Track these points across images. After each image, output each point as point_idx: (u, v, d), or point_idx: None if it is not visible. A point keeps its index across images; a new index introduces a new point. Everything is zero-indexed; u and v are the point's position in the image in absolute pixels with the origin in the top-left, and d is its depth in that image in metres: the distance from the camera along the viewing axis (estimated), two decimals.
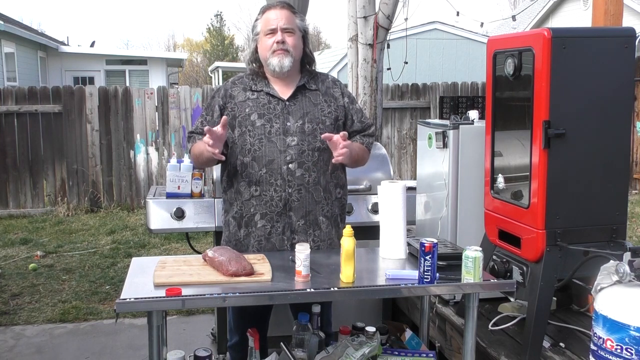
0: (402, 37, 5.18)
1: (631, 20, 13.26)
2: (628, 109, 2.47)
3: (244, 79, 2.72)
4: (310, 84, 2.69)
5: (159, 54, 21.69)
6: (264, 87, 2.65)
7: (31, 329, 4.31)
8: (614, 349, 1.93)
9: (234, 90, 2.69)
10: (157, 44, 45.37)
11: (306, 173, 2.59)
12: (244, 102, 2.64)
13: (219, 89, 2.75)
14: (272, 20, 2.58)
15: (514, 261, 2.62)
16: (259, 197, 2.60)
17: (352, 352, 2.49)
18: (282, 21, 2.57)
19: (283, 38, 2.57)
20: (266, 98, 2.64)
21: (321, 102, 2.67)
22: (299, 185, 2.58)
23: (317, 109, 2.65)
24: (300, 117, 2.61)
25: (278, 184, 2.58)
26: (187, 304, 2.12)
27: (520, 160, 2.55)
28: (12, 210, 8.08)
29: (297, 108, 2.63)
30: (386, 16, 4.32)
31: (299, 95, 2.65)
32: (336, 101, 2.71)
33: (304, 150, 2.59)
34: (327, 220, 2.67)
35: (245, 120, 2.62)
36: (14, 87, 8.31)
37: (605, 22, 3.20)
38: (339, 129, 2.66)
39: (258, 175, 2.59)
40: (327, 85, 2.73)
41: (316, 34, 38.42)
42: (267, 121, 2.60)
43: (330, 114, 2.67)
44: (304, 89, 2.67)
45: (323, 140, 2.56)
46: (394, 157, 9.09)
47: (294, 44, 2.60)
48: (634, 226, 6.88)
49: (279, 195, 2.58)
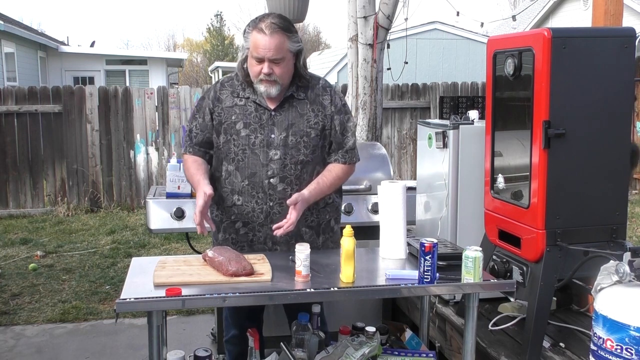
0: (402, 37, 5.18)
1: (631, 20, 13.26)
2: (628, 109, 2.47)
3: (234, 82, 2.66)
4: (299, 93, 2.62)
5: (159, 54, 21.70)
6: (252, 94, 2.60)
7: (31, 329, 4.31)
8: (614, 349, 1.93)
9: (223, 93, 2.65)
10: (157, 44, 45.33)
11: (288, 187, 2.56)
12: (231, 109, 2.61)
13: (209, 90, 2.71)
14: (260, 49, 2.45)
15: (514, 261, 2.62)
16: (241, 207, 2.60)
17: (352, 352, 2.50)
18: (270, 52, 2.44)
19: (270, 70, 2.46)
20: (253, 106, 2.59)
21: (308, 111, 2.61)
22: (280, 199, 2.56)
23: (303, 119, 2.59)
24: (285, 129, 2.57)
25: (260, 197, 2.57)
26: (187, 304, 2.12)
27: (520, 160, 2.55)
28: (12, 210, 8.08)
29: (283, 119, 2.58)
30: (386, 16, 4.32)
31: (287, 105, 2.60)
32: (324, 110, 2.63)
33: (286, 164, 2.56)
34: (311, 230, 2.66)
35: (230, 128, 2.59)
36: (14, 87, 8.31)
37: (605, 22, 3.20)
38: (326, 139, 2.64)
39: (240, 186, 2.58)
40: (316, 92, 2.64)
41: (316, 34, 38.46)
42: (252, 131, 2.57)
43: (317, 124, 2.60)
44: (291, 99, 2.61)
45: (307, 153, 2.56)
46: (394, 157, 9.09)
47: (281, 73, 2.49)
48: (634, 226, 6.88)
49: (260, 207, 2.58)
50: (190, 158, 2.67)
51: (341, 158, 2.67)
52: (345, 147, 2.67)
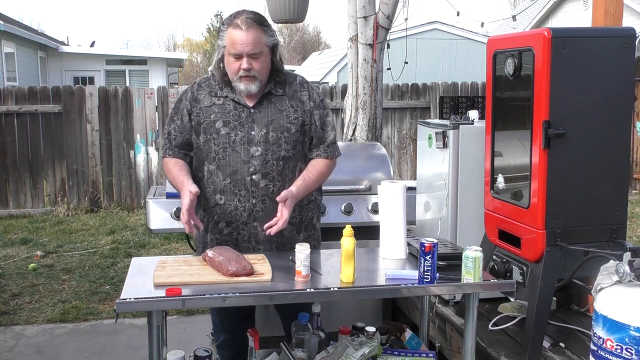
0: (402, 37, 5.18)
1: (631, 20, 13.26)
2: (628, 109, 2.47)
3: (210, 82, 2.65)
4: (277, 89, 2.61)
5: (159, 54, 21.70)
6: (230, 92, 2.59)
7: (31, 329, 4.31)
8: (614, 349, 1.93)
9: (200, 93, 2.63)
10: (157, 44, 45.31)
11: (270, 183, 2.55)
12: (210, 108, 2.59)
13: (186, 91, 2.69)
14: (238, 45, 2.45)
15: (514, 261, 2.62)
16: (224, 206, 2.58)
17: (352, 352, 2.49)
18: (247, 47, 2.44)
19: (249, 65, 2.46)
20: (232, 104, 2.58)
21: (287, 107, 2.61)
22: (263, 196, 2.55)
23: (282, 115, 2.59)
24: (265, 125, 2.56)
25: (242, 195, 2.55)
26: (187, 304, 2.12)
27: (520, 160, 2.55)
28: (12, 210, 8.08)
29: (262, 116, 2.57)
30: (386, 16, 4.32)
31: (265, 102, 2.59)
32: (303, 105, 2.63)
33: (268, 160, 2.55)
34: (291, 226, 2.62)
35: (210, 127, 2.57)
36: (14, 87, 8.31)
37: (605, 22, 3.20)
38: (306, 135, 2.64)
39: (223, 185, 2.57)
40: (294, 88, 2.64)
41: (316, 34, 38.44)
42: (232, 129, 2.55)
43: (296, 119, 2.60)
44: (270, 95, 2.60)
45: (288, 148, 2.56)
46: (394, 157, 9.09)
47: (260, 68, 2.50)
48: (634, 226, 6.88)
49: (243, 205, 2.56)
50: (171, 161, 2.64)
51: (323, 153, 2.67)
52: (327, 142, 2.68)
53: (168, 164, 2.65)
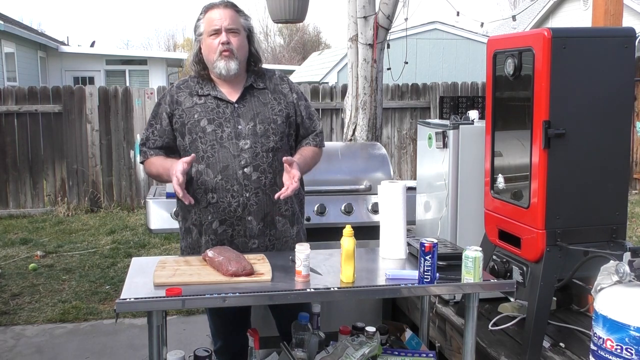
0: (402, 37, 5.18)
1: (631, 20, 13.27)
2: (628, 109, 2.47)
3: (189, 83, 2.64)
4: (258, 82, 2.63)
5: (159, 54, 21.69)
6: (211, 90, 2.59)
7: (31, 329, 4.31)
8: (614, 349, 1.93)
9: (180, 95, 2.62)
10: (157, 44, 45.25)
11: (262, 175, 2.55)
12: (192, 108, 2.58)
13: (164, 96, 2.67)
14: (216, 20, 2.50)
15: (514, 261, 2.62)
16: (216, 205, 2.55)
17: (352, 352, 2.49)
18: (226, 21, 2.50)
19: (228, 39, 2.49)
20: (214, 102, 2.57)
21: (270, 100, 2.62)
22: (256, 189, 2.54)
23: (267, 108, 2.59)
24: (251, 118, 2.56)
25: (235, 190, 2.53)
26: (187, 304, 2.12)
27: (520, 160, 2.55)
28: (12, 210, 8.08)
29: (247, 110, 2.57)
30: (386, 16, 4.32)
31: (248, 96, 2.60)
32: (285, 98, 2.65)
33: (257, 152, 2.54)
34: (284, 219, 2.64)
35: (195, 126, 2.55)
36: (14, 87, 8.32)
37: (605, 22, 3.20)
38: (292, 127, 2.66)
39: (214, 182, 2.54)
40: (274, 82, 2.67)
41: (316, 34, 38.42)
42: (218, 126, 2.54)
43: (281, 111, 2.62)
44: (251, 89, 2.61)
45: (276, 140, 2.57)
46: (394, 157, 9.09)
47: (238, 45, 2.53)
48: (634, 226, 6.88)
49: (236, 200, 2.54)
50: (151, 158, 2.63)
51: (312, 141, 2.73)
52: (316, 131, 2.75)
53: (150, 161, 2.64)
